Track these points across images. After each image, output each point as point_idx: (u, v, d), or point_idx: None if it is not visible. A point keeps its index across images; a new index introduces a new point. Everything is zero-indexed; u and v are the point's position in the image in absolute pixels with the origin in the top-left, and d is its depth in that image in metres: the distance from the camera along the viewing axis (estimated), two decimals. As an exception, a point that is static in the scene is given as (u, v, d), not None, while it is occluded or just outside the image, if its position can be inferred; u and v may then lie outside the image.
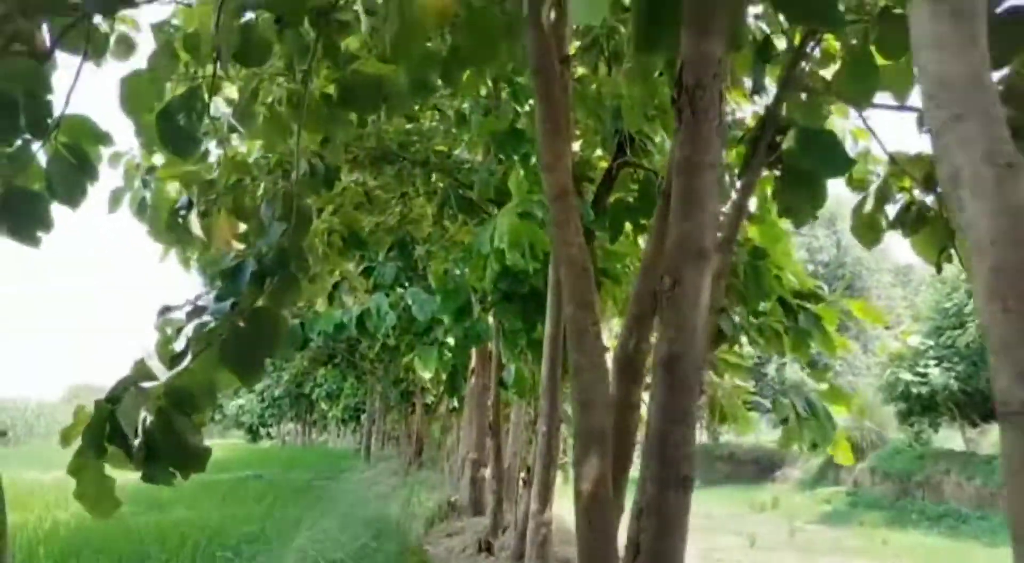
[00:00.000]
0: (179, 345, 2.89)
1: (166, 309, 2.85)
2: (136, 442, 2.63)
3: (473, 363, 12.59)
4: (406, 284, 11.94)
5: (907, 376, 28.53)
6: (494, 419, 10.52)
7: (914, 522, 26.43)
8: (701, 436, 43.48)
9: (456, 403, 16.98)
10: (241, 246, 3.27)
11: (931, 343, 28.61)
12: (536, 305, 7.54)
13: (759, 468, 37.17)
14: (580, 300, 3.67)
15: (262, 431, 52.05)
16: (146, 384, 2.72)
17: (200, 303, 2.87)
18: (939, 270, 4.30)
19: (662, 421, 2.07)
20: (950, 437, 32.63)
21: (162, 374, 2.78)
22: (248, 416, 46.73)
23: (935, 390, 27.67)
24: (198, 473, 2.70)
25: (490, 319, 10.38)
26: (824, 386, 8.59)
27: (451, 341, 13.06)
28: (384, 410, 27.77)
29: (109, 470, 2.70)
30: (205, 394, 2.83)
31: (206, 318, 2.89)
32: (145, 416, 2.67)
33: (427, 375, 14.16)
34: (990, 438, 31.66)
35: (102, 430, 2.57)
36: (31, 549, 8.92)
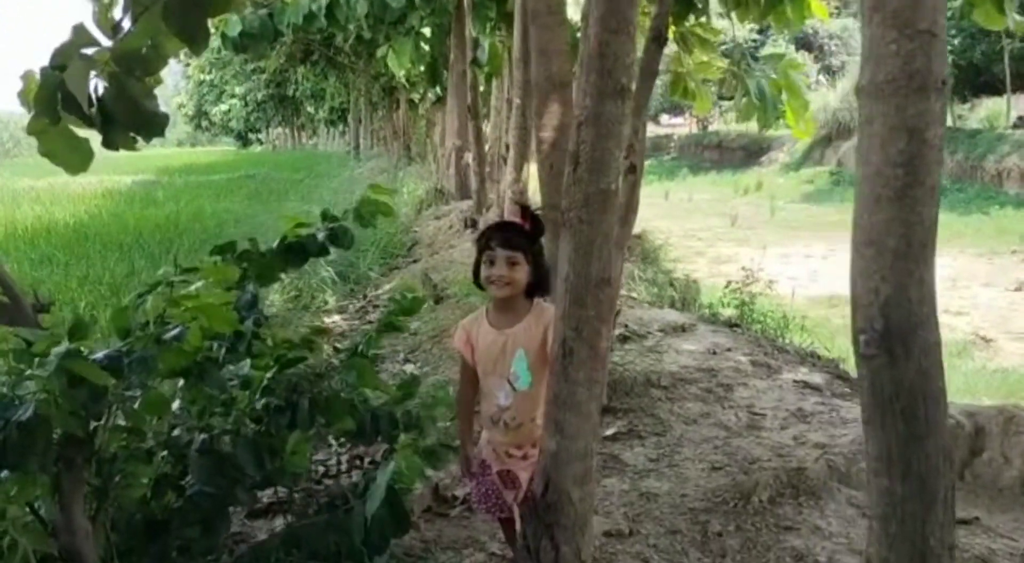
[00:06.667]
0: (117, 13, 2.76)
1: (99, -27, 2.66)
2: (92, 108, 2.57)
3: (452, 52, 12.23)
4: (378, -34, 11.15)
5: (902, 53, 27.91)
6: (472, 102, 10.42)
7: (892, 197, 27.31)
8: (691, 126, 43.56)
9: (440, 93, 16.73)
10: None
11: (930, 16, 27.61)
12: (507, -28, 7.14)
13: (746, 154, 37.62)
14: (537, -61, 3.44)
15: (251, 137, 51.99)
16: (90, 50, 2.62)
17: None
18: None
19: (602, 30, 2.02)
20: (938, 114, 32.67)
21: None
22: (235, 122, 46.36)
23: (928, 66, 27.20)
24: (158, 137, 2.68)
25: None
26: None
27: (427, 32, 12.58)
28: (369, 109, 27.47)
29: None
30: (154, 56, 2.74)
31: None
32: (96, 83, 2.59)
33: (400, 73, 13.74)
34: (978, 114, 31.76)
35: (53, 97, 2.50)
36: (34, 241, 9.27)
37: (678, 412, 3.80)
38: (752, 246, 20.22)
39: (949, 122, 30.85)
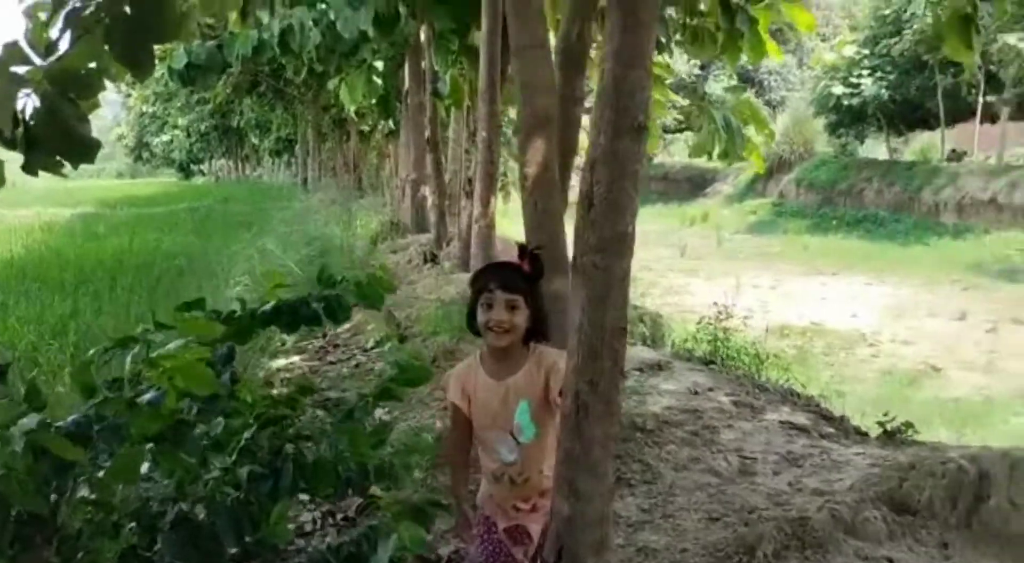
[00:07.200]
0: (55, 32, 2.55)
1: (34, -14, 2.45)
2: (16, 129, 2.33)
3: (407, 83, 12.13)
4: (330, -3, 10.99)
5: (839, 89, 28.72)
6: (432, 134, 10.29)
7: (834, 227, 28.00)
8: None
9: (392, 126, 16.60)
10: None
11: (866, 52, 28.54)
12: (470, 5, 7.06)
13: (692, 186, 38.26)
14: (520, -29, 3.34)
15: (193, 168, 51.04)
16: (21, 69, 2.41)
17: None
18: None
19: (617, 65, 1.90)
20: (874, 148, 33.73)
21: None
22: (177, 153, 45.45)
23: (866, 101, 28.05)
24: (87, 163, 2.46)
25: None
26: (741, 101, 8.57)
27: (379, 65, 12.48)
28: (318, 140, 27.16)
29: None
30: (93, 79, 2.53)
31: (81, 3, 2.49)
32: (24, 102, 2.36)
33: (352, 108, 13.56)
34: (913, 146, 32.81)
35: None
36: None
37: (666, 457, 3.66)
38: (701, 277, 20.42)
39: (884, 155, 31.80)
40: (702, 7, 6.83)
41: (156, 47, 2.95)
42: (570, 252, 3.73)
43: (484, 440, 2.27)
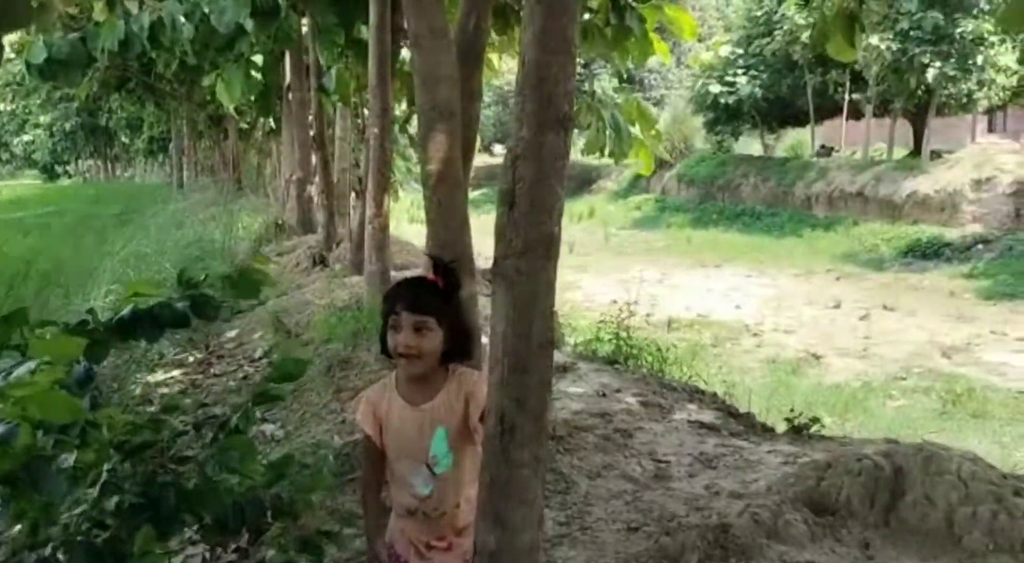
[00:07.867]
0: None
1: None
2: None
3: (288, 78, 11.64)
4: (204, -13, 10.40)
5: (716, 88, 29.63)
6: (318, 132, 9.89)
7: (714, 221, 28.89)
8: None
9: (273, 124, 15.98)
10: None
11: (740, 52, 29.54)
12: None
13: (578, 182, 38.67)
14: (416, -45, 3.13)
15: (58, 169, 48.01)
16: None
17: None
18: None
19: (539, 51, 1.73)
20: (749, 144, 35.01)
21: None
22: (40, 153, 42.58)
23: (741, 99, 29.03)
24: None
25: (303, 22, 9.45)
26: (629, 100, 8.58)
27: (258, 59, 11.92)
28: (193, 138, 25.94)
29: None
30: None
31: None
32: None
33: (231, 106, 12.99)
34: (785, 142, 34.22)
35: None
36: None
37: (579, 465, 3.52)
38: (591, 273, 20.62)
39: (759, 151, 33.05)
40: (592, 4, 6.78)
41: (10, 39, 2.60)
42: (477, 252, 3.57)
43: (396, 471, 2.07)
